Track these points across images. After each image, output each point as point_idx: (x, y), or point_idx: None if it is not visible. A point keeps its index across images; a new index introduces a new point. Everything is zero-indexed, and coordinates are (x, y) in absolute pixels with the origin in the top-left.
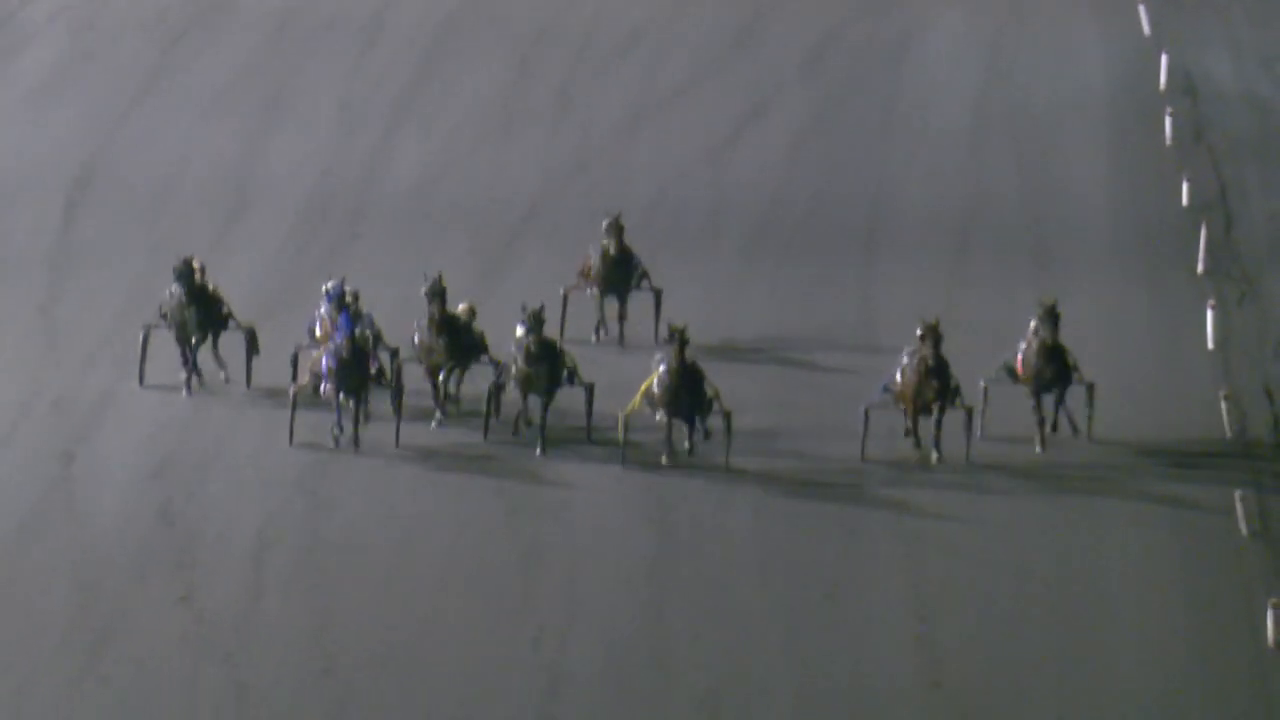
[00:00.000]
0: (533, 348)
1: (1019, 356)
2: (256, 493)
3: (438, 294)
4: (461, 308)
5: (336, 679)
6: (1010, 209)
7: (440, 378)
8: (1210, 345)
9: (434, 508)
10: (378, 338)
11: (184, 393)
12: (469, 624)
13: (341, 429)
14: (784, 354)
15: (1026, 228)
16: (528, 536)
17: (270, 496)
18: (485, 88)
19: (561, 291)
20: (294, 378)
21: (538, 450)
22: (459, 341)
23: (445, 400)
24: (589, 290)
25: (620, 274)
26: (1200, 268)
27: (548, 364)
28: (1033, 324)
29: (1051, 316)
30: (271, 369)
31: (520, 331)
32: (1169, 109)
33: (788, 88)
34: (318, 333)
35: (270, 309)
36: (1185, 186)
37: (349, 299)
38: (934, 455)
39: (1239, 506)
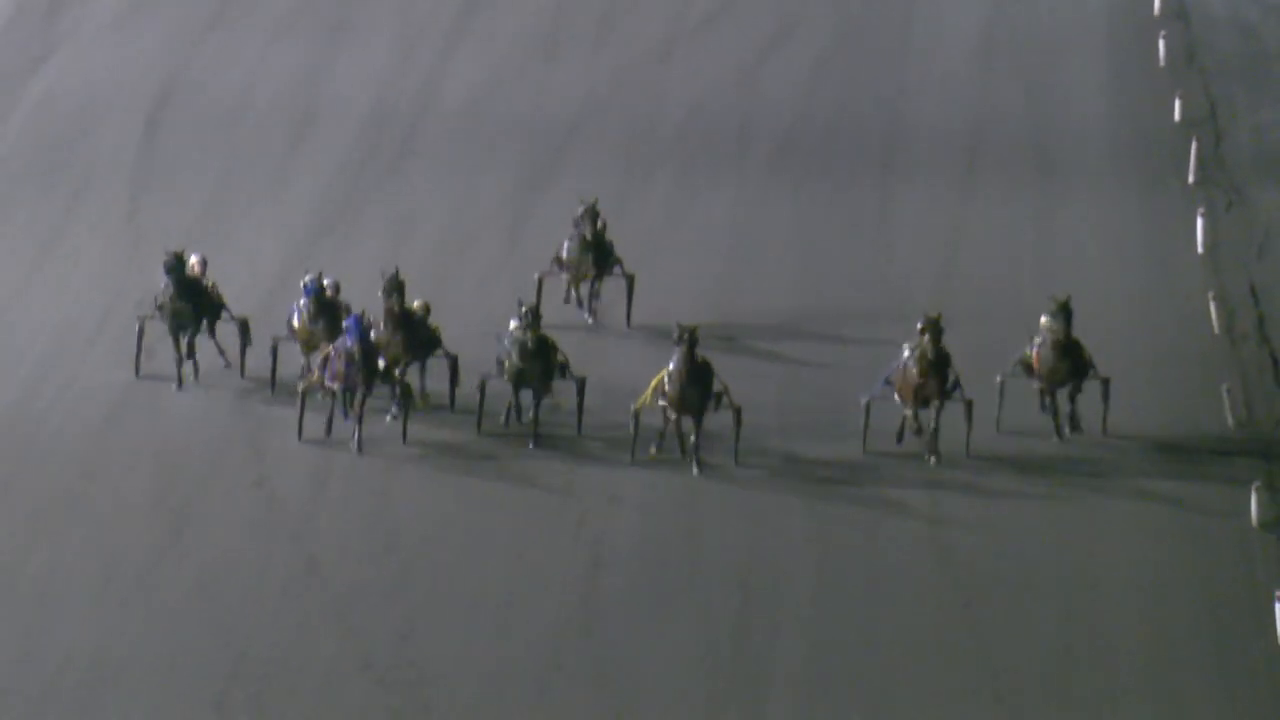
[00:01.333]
0: (530, 344)
1: (1035, 352)
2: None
3: (395, 289)
4: (416, 304)
5: (397, 555)
6: (1015, 125)
7: (396, 372)
8: (1200, 249)
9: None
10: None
11: (175, 386)
12: (519, 507)
13: (344, 418)
14: (807, 262)
15: (1030, 143)
16: (568, 446)
17: None
18: (532, 13)
19: (536, 277)
20: (273, 369)
21: (530, 444)
22: (415, 336)
23: (405, 395)
24: (563, 276)
25: (595, 260)
26: (1191, 178)
27: (542, 359)
28: (1044, 319)
29: (1064, 312)
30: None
31: (514, 325)
32: (1163, 33)
33: (811, 13)
34: (295, 324)
35: (332, 224)
36: (1178, 104)
37: (329, 291)
38: (931, 459)
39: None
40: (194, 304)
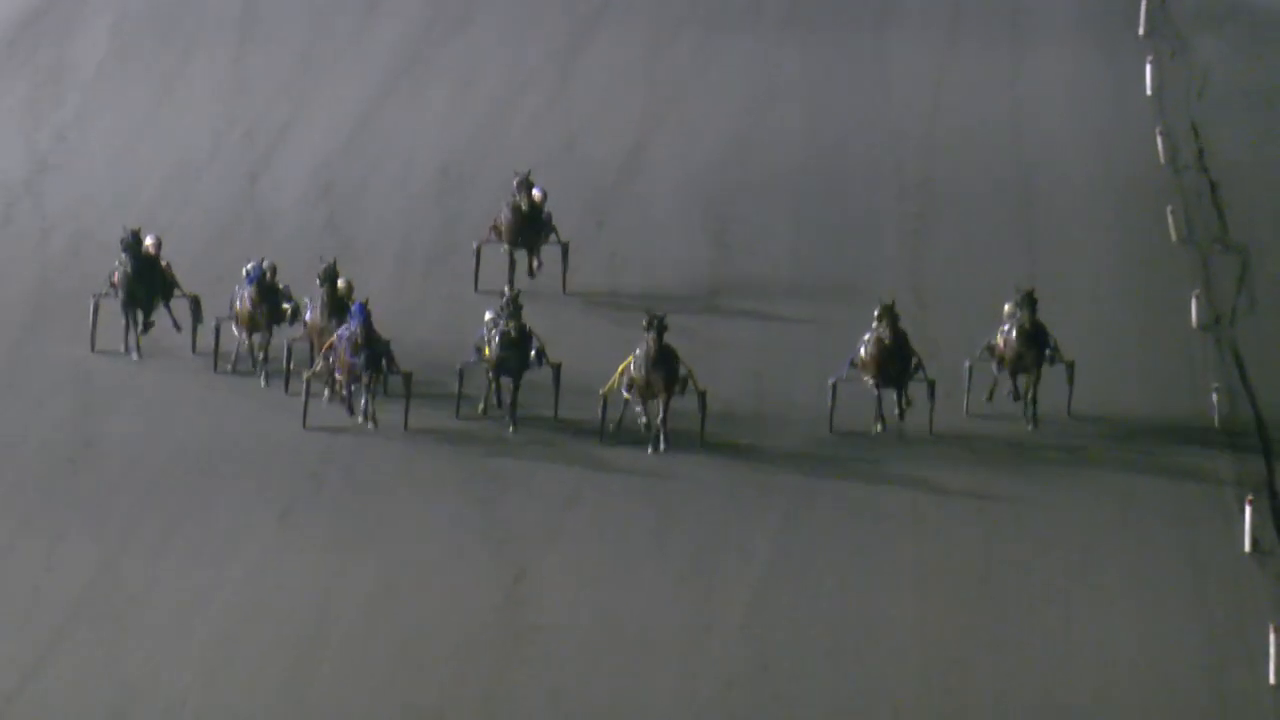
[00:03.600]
0: (512, 333)
1: (1000, 338)
2: (401, 202)
3: (330, 278)
4: (341, 284)
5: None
6: None
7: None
8: (1149, 92)
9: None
10: (296, 310)
11: (134, 355)
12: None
13: (348, 412)
14: (815, 102)
15: (1006, 7)
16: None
17: (414, 210)
18: None
19: (474, 245)
20: (216, 348)
21: (509, 429)
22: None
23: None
24: (501, 246)
25: (531, 229)
26: (1141, 31)
27: (521, 348)
28: (1007, 307)
29: (1030, 301)
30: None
31: (489, 316)
32: None
33: None
34: (237, 306)
35: (400, 79)
36: None
37: (269, 276)
38: (877, 426)
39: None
40: (149, 282)
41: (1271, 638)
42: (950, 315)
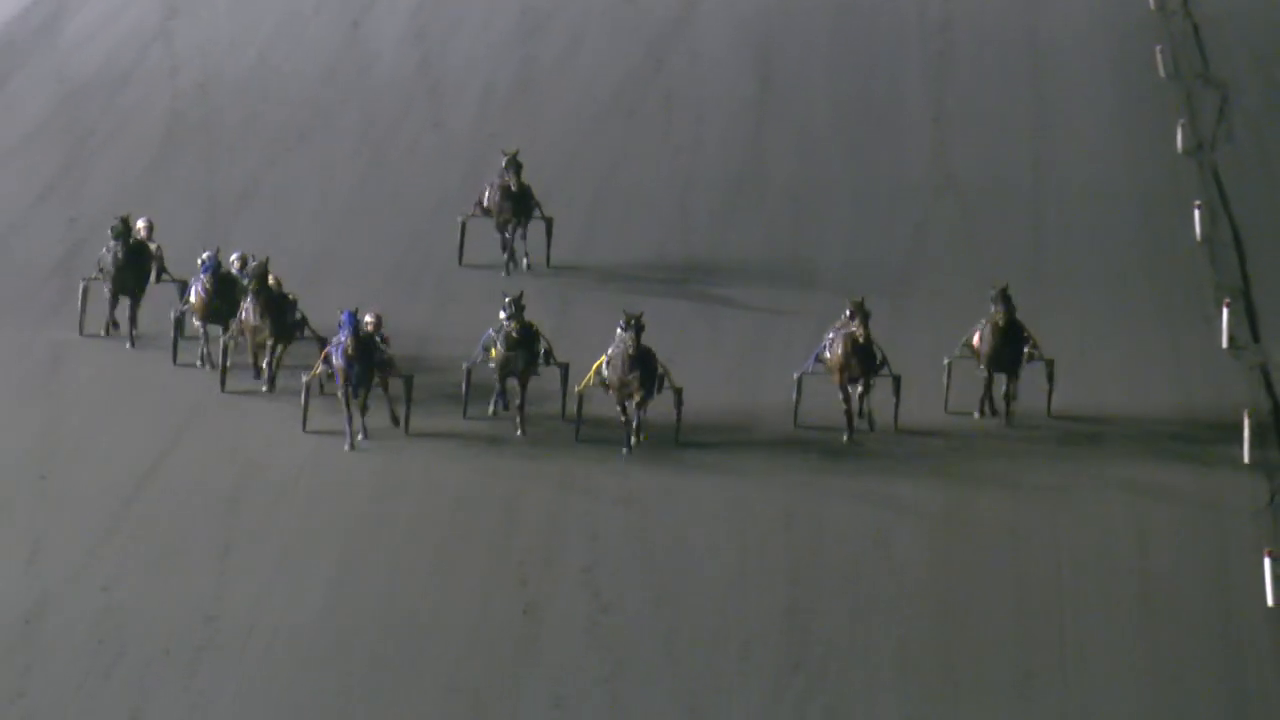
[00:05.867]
0: (514, 333)
1: (978, 335)
2: (484, 46)
3: (259, 276)
4: (271, 281)
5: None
6: None
7: (263, 355)
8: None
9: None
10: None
11: (128, 345)
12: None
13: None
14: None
15: None
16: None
17: (496, 51)
18: None
19: (459, 220)
20: (175, 341)
21: (518, 431)
22: (283, 320)
23: (273, 376)
24: (489, 219)
25: (519, 207)
26: None
27: (527, 348)
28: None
29: (1005, 298)
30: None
31: (502, 316)
32: None
33: None
34: (192, 299)
35: None
36: None
37: (222, 265)
38: (849, 432)
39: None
40: (139, 268)
41: (1266, 562)
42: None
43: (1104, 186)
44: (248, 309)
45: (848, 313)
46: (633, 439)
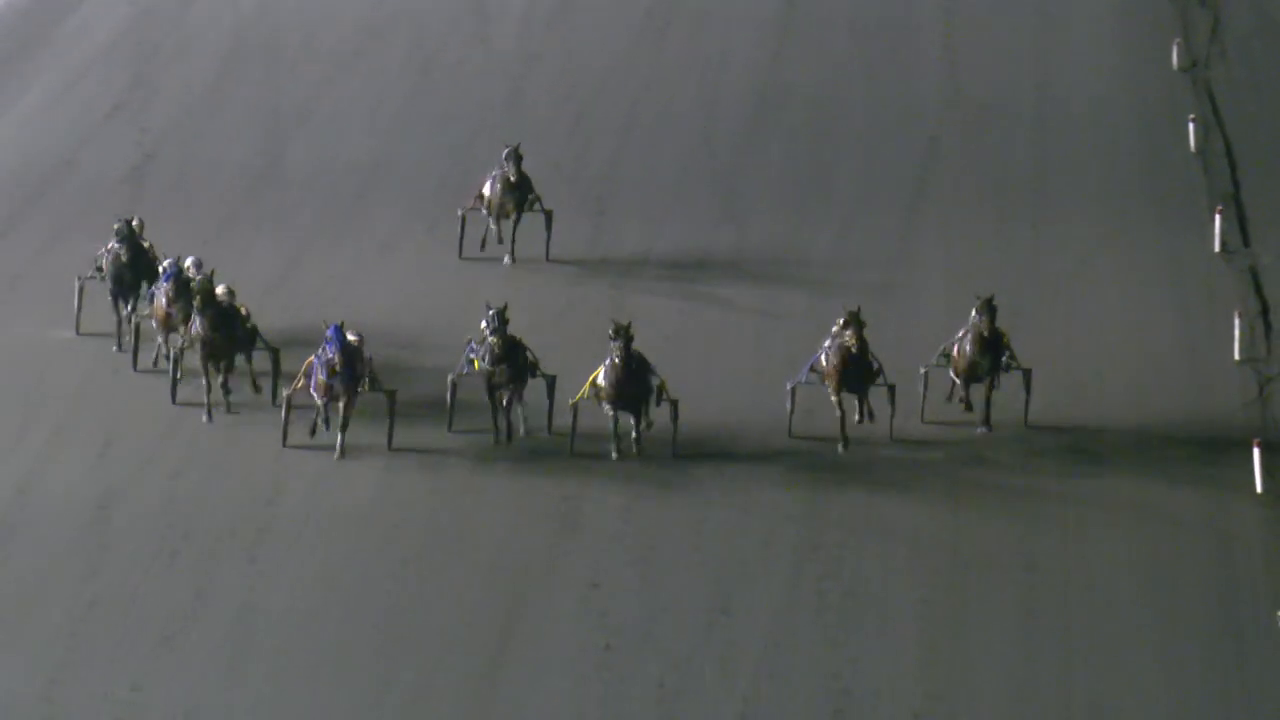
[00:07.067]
0: (497, 348)
1: (955, 345)
2: None
3: (204, 292)
4: (220, 289)
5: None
6: None
7: (214, 375)
8: None
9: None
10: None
11: (114, 347)
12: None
13: (325, 428)
14: None
15: None
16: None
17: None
18: None
19: (459, 213)
20: (135, 347)
21: (494, 439)
22: (233, 334)
23: (224, 391)
24: (484, 213)
25: (517, 199)
26: None
27: (511, 362)
28: (974, 314)
29: (989, 308)
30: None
31: (484, 327)
32: None
33: None
34: (153, 305)
35: None
36: None
37: (184, 271)
38: (841, 447)
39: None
40: (138, 270)
41: (1255, 451)
42: None
43: (1104, 102)
44: (194, 324)
45: (841, 321)
46: (630, 445)
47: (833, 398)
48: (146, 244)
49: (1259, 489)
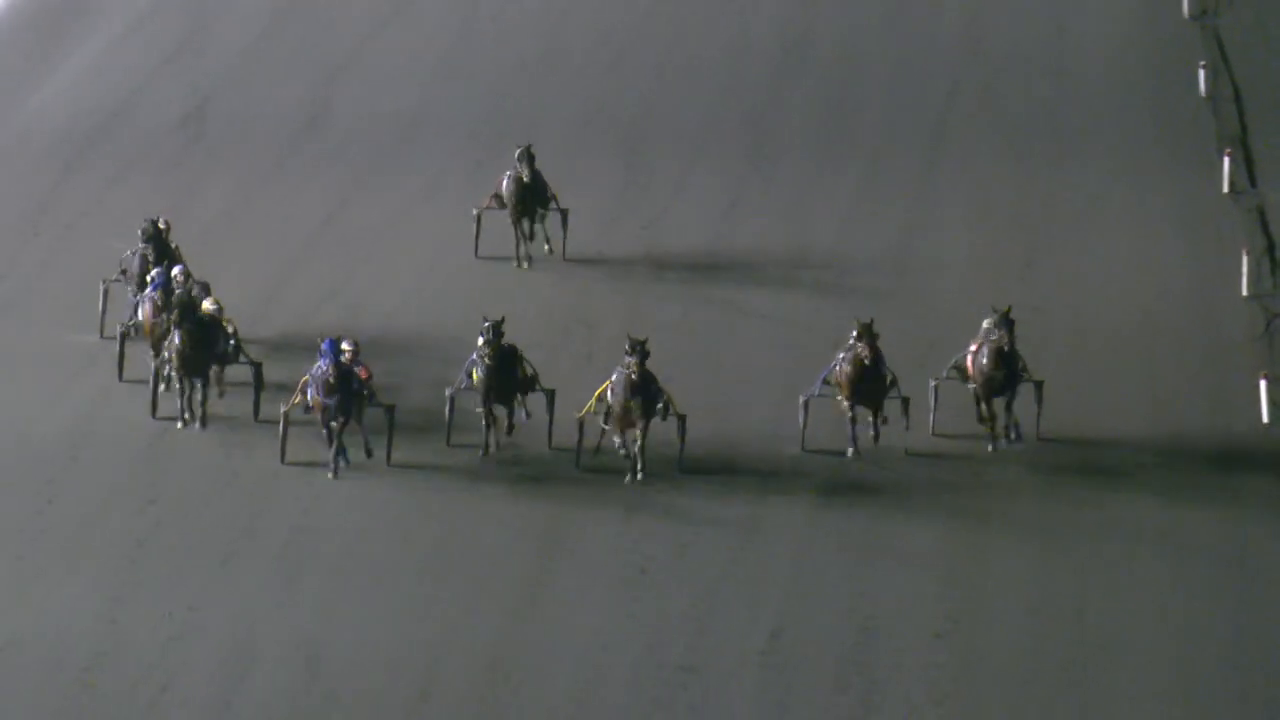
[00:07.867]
0: (489, 359)
1: (970, 358)
2: None
3: (183, 306)
4: (207, 304)
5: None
6: None
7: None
8: None
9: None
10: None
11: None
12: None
13: (343, 460)
14: None
15: None
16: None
17: None
18: None
19: (474, 213)
20: (120, 358)
21: (480, 451)
22: (212, 349)
23: (203, 408)
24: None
25: (533, 198)
26: None
27: (508, 374)
28: (985, 324)
29: (1007, 320)
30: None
31: (480, 341)
32: None
33: None
34: (140, 317)
35: None
36: None
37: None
38: (850, 451)
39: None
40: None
41: (1262, 384)
42: None
43: (1117, 49)
44: (174, 339)
45: (854, 334)
46: (638, 469)
47: (845, 410)
48: (174, 245)
49: (1265, 420)
